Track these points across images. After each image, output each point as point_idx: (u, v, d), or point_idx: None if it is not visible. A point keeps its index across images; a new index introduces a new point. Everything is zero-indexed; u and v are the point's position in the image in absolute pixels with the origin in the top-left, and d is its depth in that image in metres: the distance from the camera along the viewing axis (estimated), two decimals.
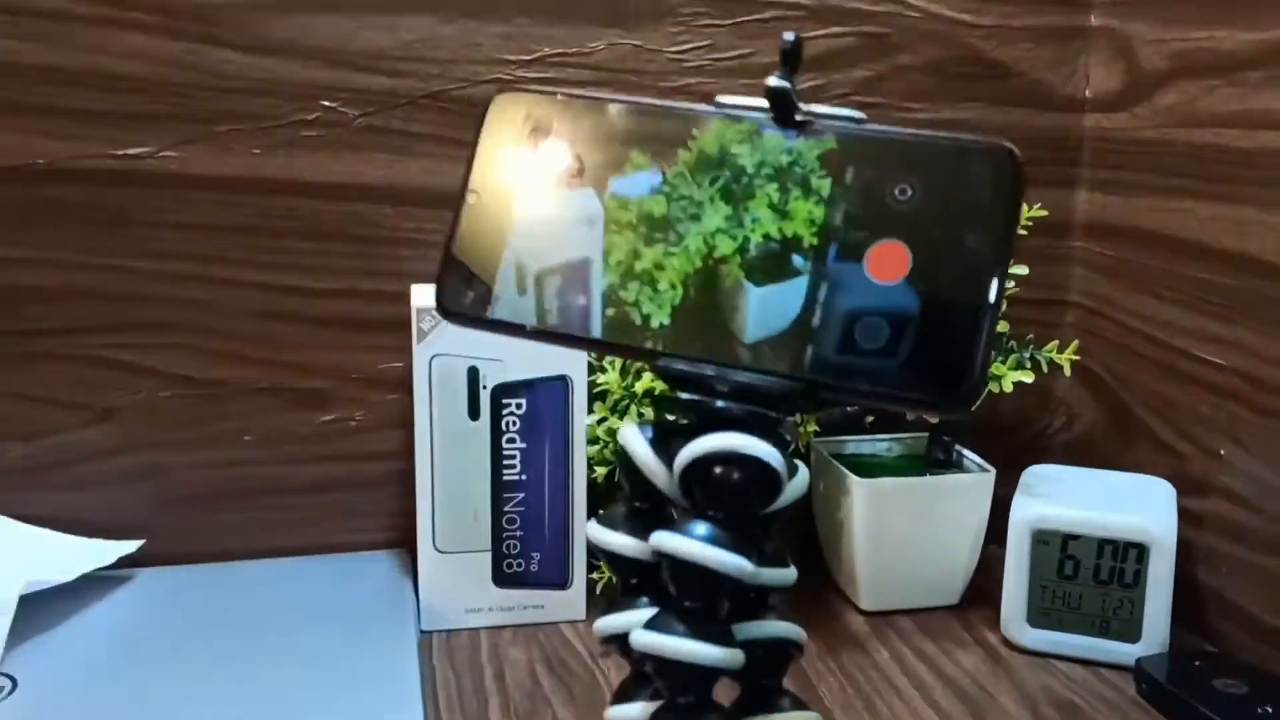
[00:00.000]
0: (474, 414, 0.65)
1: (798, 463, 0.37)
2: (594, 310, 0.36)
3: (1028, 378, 0.69)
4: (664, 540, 0.35)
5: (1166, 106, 0.72)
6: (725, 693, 0.37)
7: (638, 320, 0.36)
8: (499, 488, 0.66)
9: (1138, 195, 0.75)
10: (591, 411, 0.67)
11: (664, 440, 0.37)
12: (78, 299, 0.68)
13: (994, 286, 0.32)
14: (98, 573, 0.65)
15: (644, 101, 0.37)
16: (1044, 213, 0.70)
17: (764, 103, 0.35)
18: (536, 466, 0.66)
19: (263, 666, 0.59)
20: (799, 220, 0.34)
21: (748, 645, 0.37)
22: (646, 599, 0.38)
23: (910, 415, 0.72)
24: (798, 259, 0.34)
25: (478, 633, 0.67)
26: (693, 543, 0.34)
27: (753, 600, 0.39)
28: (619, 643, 0.37)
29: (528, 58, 0.71)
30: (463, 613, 0.67)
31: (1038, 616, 0.66)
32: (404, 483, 0.72)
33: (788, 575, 0.39)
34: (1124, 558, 0.64)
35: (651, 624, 0.36)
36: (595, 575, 0.69)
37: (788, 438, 0.35)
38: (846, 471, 0.69)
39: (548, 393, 0.66)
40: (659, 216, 0.36)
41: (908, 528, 0.69)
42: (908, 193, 0.33)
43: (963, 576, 0.72)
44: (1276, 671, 0.62)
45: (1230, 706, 0.57)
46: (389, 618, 0.64)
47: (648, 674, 0.37)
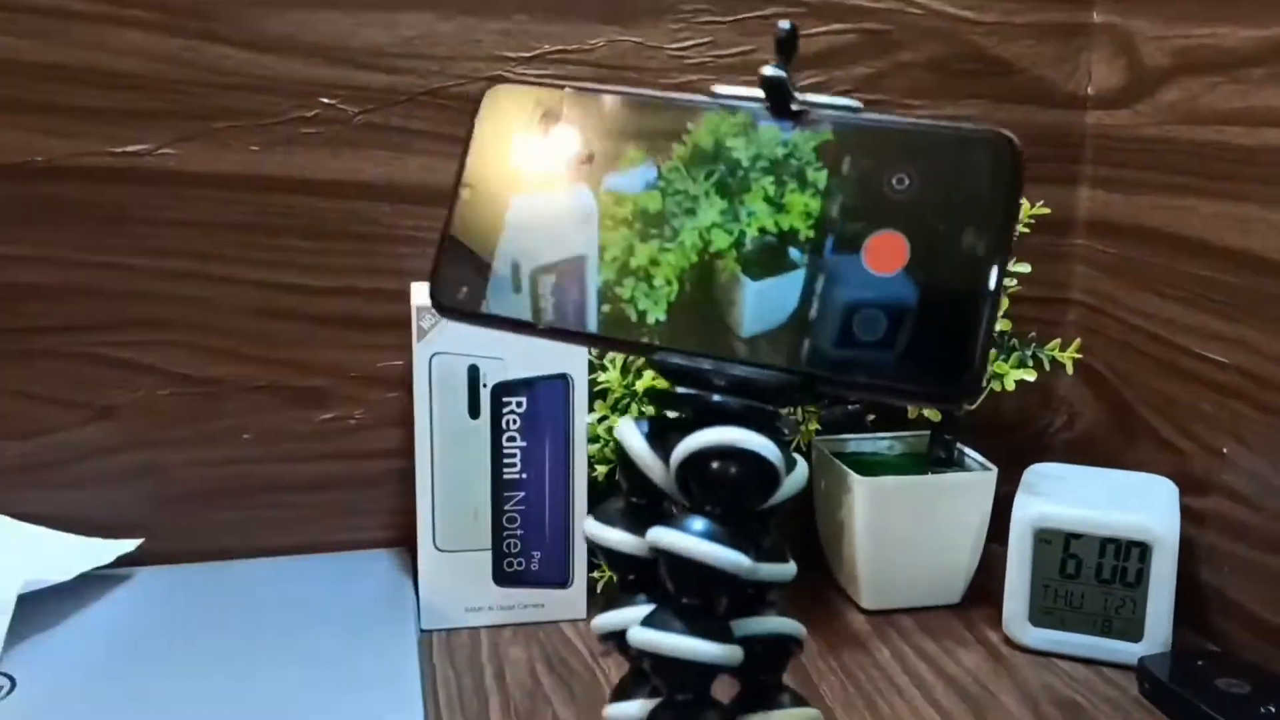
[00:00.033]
0: (474, 412, 0.65)
1: (796, 457, 0.37)
2: (589, 306, 0.36)
3: (1030, 376, 0.68)
4: (661, 536, 0.35)
5: (1169, 103, 0.72)
6: (724, 690, 0.37)
7: (633, 316, 0.35)
8: (499, 486, 0.66)
9: (1140, 192, 0.75)
10: (592, 410, 0.67)
11: (660, 435, 0.36)
12: (76, 296, 0.68)
13: (994, 276, 0.31)
14: (96, 571, 0.65)
15: (640, 93, 0.37)
16: (1046, 210, 0.70)
17: (760, 92, 0.35)
18: (537, 465, 0.66)
19: (262, 665, 0.58)
20: (795, 213, 0.34)
21: (746, 641, 0.36)
22: (644, 595, 0.37)
23: (910, 409, 0.72)
24: (794, 252, 0.34)
25: (478, 632, 0.67)
26: (690, 538, 0.34)
27: (751, 596, 0.38)
28: (617, 640, 0.37)
29: (527, 55, 0.71)
30: (463, 611, 0.67)
31: (1040, 615, 0.65)
32: (404, 481, 0.72)
33: (787, 570, 0.39)
34: (1126, 556, 0.63)
35: (649, 621, 0.35)
36: (596, 574, 0.69)
37: (785, 432, 0.35)
38: (848, 470, 0.69)
39: (548, 391, 0.65)
40: (654, 212, 0.36)
41: (909, 526, 0.69)
42: (905, 182, 0.33)
43: (964, 575, 0.71)
44: (1279, 671, 0.62)
45: (1233, 706, 0.57)
46: (389, 617, 0.64)
47: (646, 671, 0.37)
